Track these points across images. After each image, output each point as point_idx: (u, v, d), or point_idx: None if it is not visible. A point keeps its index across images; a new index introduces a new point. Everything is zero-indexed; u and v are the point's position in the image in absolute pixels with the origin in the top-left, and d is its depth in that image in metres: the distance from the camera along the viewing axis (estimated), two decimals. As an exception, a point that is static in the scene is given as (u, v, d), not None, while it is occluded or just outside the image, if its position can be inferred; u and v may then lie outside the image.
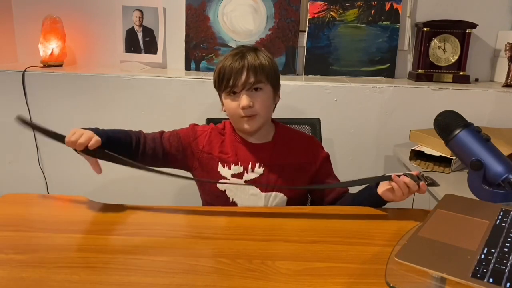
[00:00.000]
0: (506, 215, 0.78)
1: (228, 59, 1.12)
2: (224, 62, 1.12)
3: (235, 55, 1.12)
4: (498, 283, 0.58)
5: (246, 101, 1.08)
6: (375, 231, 0.93)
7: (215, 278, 0.73)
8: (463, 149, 0.94)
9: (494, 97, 1.88)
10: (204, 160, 1.18)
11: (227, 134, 1.20)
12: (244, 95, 1.09)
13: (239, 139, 1.18)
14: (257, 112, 1.11)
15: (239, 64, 1.09)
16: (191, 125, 1.24)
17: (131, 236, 0.88)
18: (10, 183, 2.02)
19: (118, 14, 2.11)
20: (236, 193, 1.15)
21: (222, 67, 1.12)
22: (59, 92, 1.92)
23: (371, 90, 1.88)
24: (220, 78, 1.12)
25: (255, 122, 1.12)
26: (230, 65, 1.10)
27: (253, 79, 1.09)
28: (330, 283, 0.72)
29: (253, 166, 1.16)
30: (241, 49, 1.14)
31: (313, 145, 1.24)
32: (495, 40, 2.12)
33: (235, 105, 1.11)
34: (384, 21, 2.05)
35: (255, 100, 1.10)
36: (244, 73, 1.08)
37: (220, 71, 1.12)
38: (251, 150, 1.17)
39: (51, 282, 0.71)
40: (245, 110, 1.09)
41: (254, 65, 1.09)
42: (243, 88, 1.09)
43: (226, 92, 1.12)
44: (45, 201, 1.12)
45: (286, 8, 2.04)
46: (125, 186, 1.99)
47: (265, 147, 1.18)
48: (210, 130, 1.21)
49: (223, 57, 1.15)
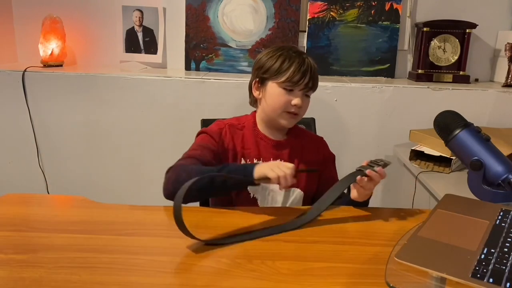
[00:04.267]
0: (506, 215, 0.78)
1: (294, 56, 1.14)
2: (288, 56, 1.14)
3: (300, 54, 1.15)
4: (498, 283, 0.58)
5: (300, 101, 1.14)
6: (375, 231, 0.93)
7: (215, 278, 0.73)
8: (463, 149, 0.94)
9: (494, 97, 1.88)
10: (229, 156, 1.18)
11: (246, 128, 1.21)
12: (300, 95, 1.14)
13: (261, 135, 1.21)
14: (299, 114, 1.17)
15: (307, 66, 1.14)
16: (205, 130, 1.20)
17: (131, 236, 0.88)
18: (10, 183, 2.02)
19: (118, 14, 2.11)
20: (257, 189, 1.17)
21: (287, 60, 1.13)
22: (59, 92, 1.92)
23: (371, 90, 1.88)
24: (283, 70, 1.13)
25: (294, 121, 1.18)
26: (299, 63, 1.13)
27: (311, 84, 1.16)
28: (330, 283, 0.72)
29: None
30: (301, 51, 1.18)
31: (322, 145, 1.28)
32: (495, 40, 2.12)
33: (287, 99, 1.14)
34: (384, 21, 2.05)
35: (303, 102, 1.16)
36: (308, 75, 1.14)
37: (284, 62, 1.13)
38: (272, 146, 1.20)
39: (51, 282, 0.71)
40: (295, 108, 1.14)
41: (313, 72, 1.16)
42: (302, 89, 1.14)
43: (283, 84, 1.14)
44: (45, 201, 1.12)
45: (286, 8, 2.04)
46: (125, 186, 2.00)
47: (284, 144, 1.21)
48: (227, 126, 1.20)
49: (275, 48, 1.17)
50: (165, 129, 1.93)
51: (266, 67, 1.16)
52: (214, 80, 1.88)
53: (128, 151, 1.96)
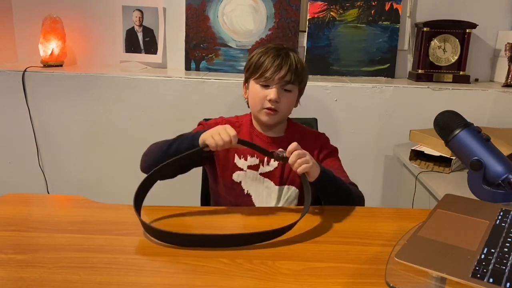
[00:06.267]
0: (506, 215, 0.78)
1: (271, 52, 1.15)
2: (265, 52, 1.16)
3: (279, 50, 1.16)
4: (498, 283, 0.58)
5: (275, 95, 1.13)
6: (375, 231, 0.93)
7: (215, 278, 0.73)
8: (463, 149, 0.94)
9: (494, 97, 1.88)
10: (221, 152, 1.18)
11: (243, 126, 1.23)
12: (275, 89, 1.14)
13: (256, 132, 1.22)
14: (279, 109, 1.15)
15: (282, 60, 1.14)
16: (202, 122, 1.26)
17: (131, 236, 0.88)
18: (10, 183, 2.02)
19: (118, 14, 2.11)
20: (251, 185, 1.17)
21: (263, 56, 1.15)
22: (59, 92, 1.92)
23: (371, 90, 1.88)
24: (258, 66, 1.15)
25: (274, 117, 1.16)
26: (273, 58, 1.14)
27: (289, 78, 1.14)
28: (330, 283, 0.72)
29: (268, 159, 1.17)
30: (284, 47, 1.18)
31: (322, 139, 1.27)
32: (495, 40, 2.12)
33: (263, 95, 1.15)
34: (384, 21, 2.05)
35: (282, 97, 1.15)
36: (283, 70, 1.13)
37: (260, 59, 1.15)
38: (267, 143, 1.20)
39: (51, 282, 0.71)
40: (271, 103, 1.14)
41: (295, 66, 1.15)
42: (277, 83, 1.14)
43: (258, 80, 1.15)
44: (45, 201, 1.12)
45: (286, 8, 2.04)
46: (125, 186, 1.99)
47: (280, 141, 1.21)
48: (224, 122, 1.23)
49: (262, 47, 1.19)
50: (165, 129, 1.92)
51: (247, 66, 1.20)
52: (214, 80, 1.88)
53: (128, 151, 1.95)
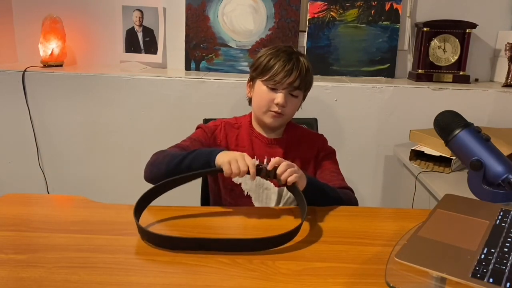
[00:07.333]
0: (506, 215, 0.78)
1: (282, 55, 1.14)
2: (276, 54, 1.15)
3: (290, 54, 1.15)
4: (498, 283, 0.58)
5: (283, 100, 1.13)
6: (375, 231, 0.93)
7: (215, 278, 0.73)
8: (463, 149, 0.94)
9: (494, 97, 1.88)
10: None
11: (242, 127, 1.23)
12: (283, 94, 1.14)
13: (256, 133, 1.22)
14: (285, 113, 1.16)
15: (293, 65, 1.13)
16: (201, 126, 1.25)
17: (131, 236, 0.88)
18: (10, 183, 2.02)
19: (118, 14, 2.11)
20: (251, 187, 1.17)
21: (273, 58, 1.14)
22: (59, 92, 1.92)
23: (371, 90, 1.88)
24: (268, 68, 1.14)
25: (279, 120, 1.17)
26: (283, 62, 1.13)
27: (297, 84, 1.14)
28: (330, 283, 0.72)
29: (268, 160, 1.17)
30: (294, 51, 1.18)
31: (320, 141, 1.28)
32: (495, 40, 2.12)
33: (270, 98, 1.14)
34: (384, 21, 2.05)
35: (289, 102, 1.15)
36: (293, 75, 1.13)
37: (270, 61, 1.14)
38: (266, 145, 1.21)
39: (51, 282, 0.71)
40: (278, 107, 1.14)
41: (304, 72, 1.15)
42: (285, 88, 1.14)
43: (266, 82, 1.15)
44: (45, 201, 1.12)
45: (286, 8, 2.03)
46: (125, 186, 1.99)
47: (278, 142, 1.21)
48: (223, 124, 1.23)
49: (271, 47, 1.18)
50: (165, 129, 1.92)
51: (255, 65, 1.19)
52: (214, 80, 1.88)
53: (128, 151, 1.96)
